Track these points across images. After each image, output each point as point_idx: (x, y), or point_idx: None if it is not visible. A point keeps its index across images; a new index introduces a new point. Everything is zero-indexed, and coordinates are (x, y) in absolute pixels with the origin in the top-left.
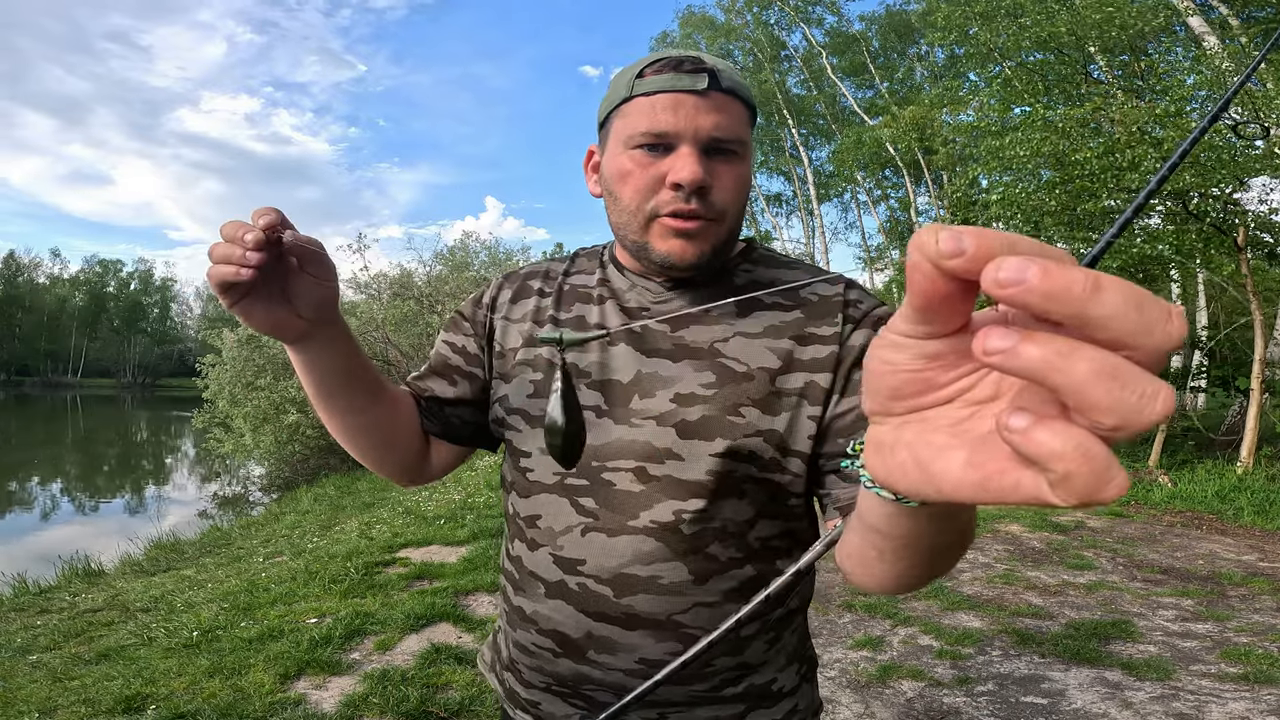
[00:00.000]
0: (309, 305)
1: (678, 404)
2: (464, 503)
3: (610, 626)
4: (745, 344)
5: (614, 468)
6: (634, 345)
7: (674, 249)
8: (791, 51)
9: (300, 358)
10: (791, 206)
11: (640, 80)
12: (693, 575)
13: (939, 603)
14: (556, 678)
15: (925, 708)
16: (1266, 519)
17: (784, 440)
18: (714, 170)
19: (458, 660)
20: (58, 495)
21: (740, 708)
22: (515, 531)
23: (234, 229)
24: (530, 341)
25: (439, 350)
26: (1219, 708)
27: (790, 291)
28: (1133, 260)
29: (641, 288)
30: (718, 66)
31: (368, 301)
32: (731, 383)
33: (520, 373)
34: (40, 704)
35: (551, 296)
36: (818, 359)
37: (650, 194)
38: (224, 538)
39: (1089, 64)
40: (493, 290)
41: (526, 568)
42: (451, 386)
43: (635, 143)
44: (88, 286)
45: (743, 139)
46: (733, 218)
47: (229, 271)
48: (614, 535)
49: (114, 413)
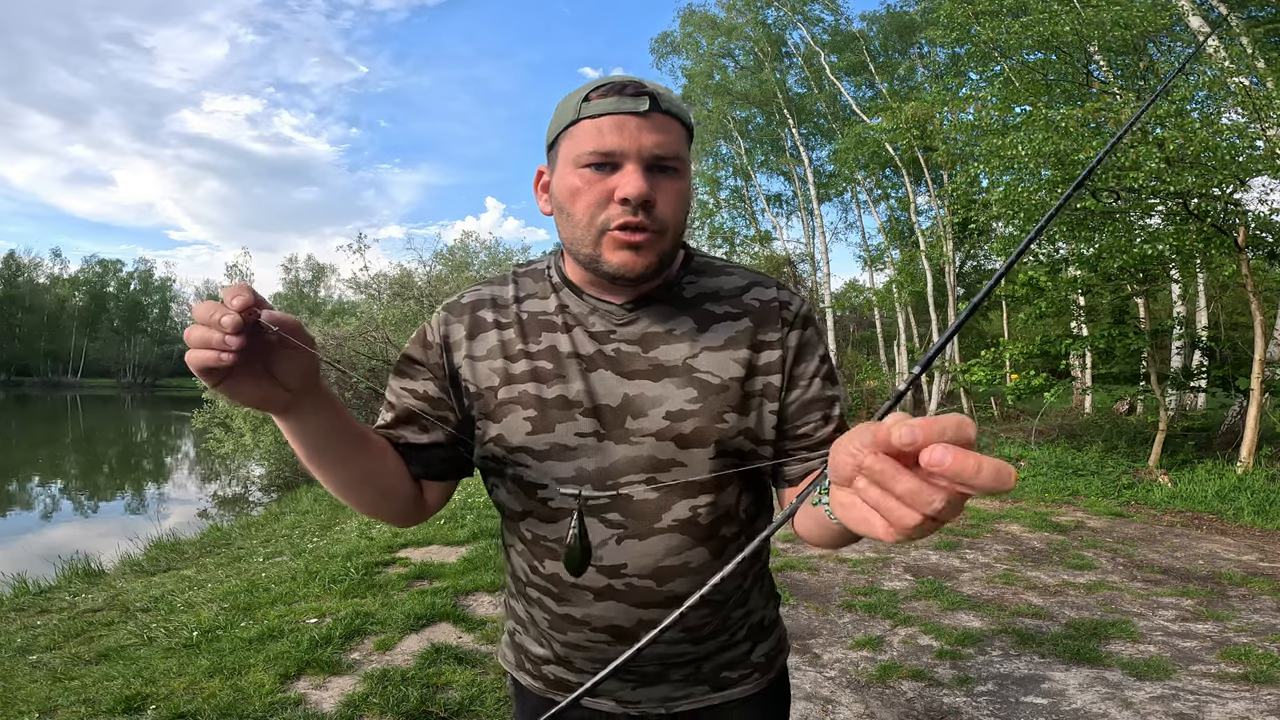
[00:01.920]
0: (293, 376)
1: (671, 420)
2: (464, 503)
3: (657, 610)
4: (713, 357)
5: (627, 482)
6: (612, 369)
7: (625, 260)
8: (791, 49)
9: (289, 425)
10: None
11: (586, 104)
12: (712, 555)
13: (939, 603)
14: (609, 661)
15: (925, 708)
16: (1266, 519)
17: (756, 434)
18: (657, 185)
19: (458, 660)
20: (58, 495)
21: (749, 645)
22: (544, 553)
23: (208, 312)
24: (507, 379)
25: (399, 398)
26: (1219, 708)
27: (735, 300)
28: (1133, 260)
29: (604, 311)
30: (658, 90)
31: (368, 301)
32: (712, 395)
33: (509, 412)
34: (40, 704)
35: (513, 328)
36: (770, 363)
37: (600, 209)
38: (224, 538)
39: (1090, 64)
40: (439, 328)
41: (568, 582)
42: (424, 433)
43: (584, 162)
44: (88, 286)
45: (682, 156)
46: (675, 230)
47: (210, 357)
48: (645, 538)
49: (114, 413)
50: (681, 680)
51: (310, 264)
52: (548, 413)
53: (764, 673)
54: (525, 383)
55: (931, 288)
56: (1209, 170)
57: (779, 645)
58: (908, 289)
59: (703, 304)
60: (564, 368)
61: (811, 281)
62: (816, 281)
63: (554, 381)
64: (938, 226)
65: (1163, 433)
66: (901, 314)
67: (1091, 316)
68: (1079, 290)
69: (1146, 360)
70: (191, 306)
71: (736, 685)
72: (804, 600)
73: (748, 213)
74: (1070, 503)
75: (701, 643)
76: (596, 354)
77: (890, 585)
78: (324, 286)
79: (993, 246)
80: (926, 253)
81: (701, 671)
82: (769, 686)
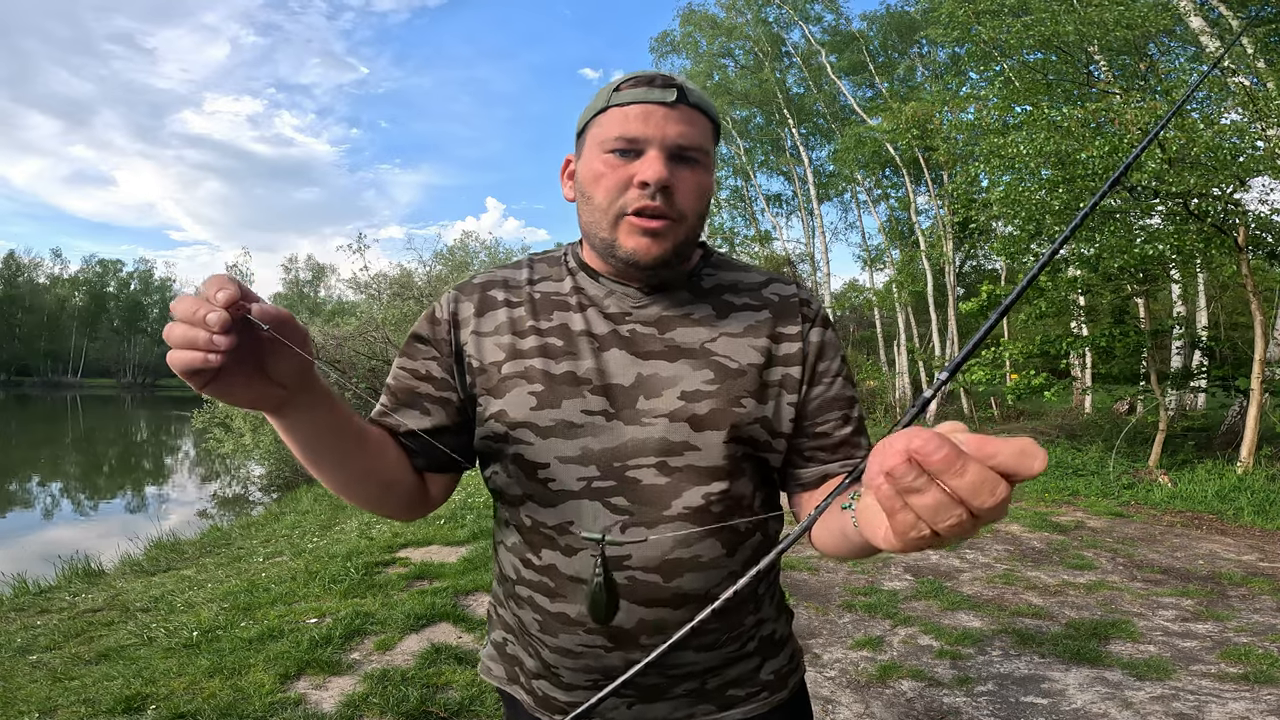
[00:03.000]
0: (287, 372)
1: (686, 400)
2: (464, 503)
3: (661, 609)
4: (731, 342)
5: (636, 465)
6: (626, 349)
7: (640, 246)
8: (791, 49)
9: (284, 423)
10: (791, 206)
11: (617, 93)
12: (725, 549)
13: (939, 603)
14: (605, 671)
15: (925, 708)
16: (1266, 519)
17: (773, 424)
18: (678, 174)
19: (458, 660)
20: (58, 495)
21: (758, 660)
22: (541, 541)
23: (190, 308)
24: (514, 354)
25: (400, 380)
26: (1219, 708)
27: (755, 293)
28: (1134, 260)
29: (620, 294)
30: (686, 85)
31: (368, 301)
32: (730, 378)
33: (514, 386)
34: (40, 704)
35: (524, 306)
36: (789, 355)
37: (619, 193)
38: (224, 538)
39: (1090, 64)
40: (449, 305)
41: (564, 574)
42: (425, 416)
43: (609, 147)
44: (88, 286)
45: (705, 149)
46: (693, 221)
47: (195, 359)
48: (653, 526)
49: (114, 413)
50: (685, 696)
51: (310, 264)
52: (555, 388)
53: (774, 691)
54: (533, 358)
55: (931, 288)
56: (1210, 171)
57: (792, 664)
58: (908, 289)
59: (721, 294)
60: (575, 345)
61: (811, 281)
62: (816, 281)
63: (563, 358)
64: (938, 226)
65: (1163, 433)
66: (901, 314)
67: (1091, 316)
68: (1079, 290)
69: (1146, 360)
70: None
71: (743, 704)
72: (804, 600)
73: (748, 213)
74: (1070, 503)
75: (709, 650)
76: (610, 334)
77: (890, 585)
78: (324, 286)
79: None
80: (926, 253)
81: (707, 687)
82: (780, 708)
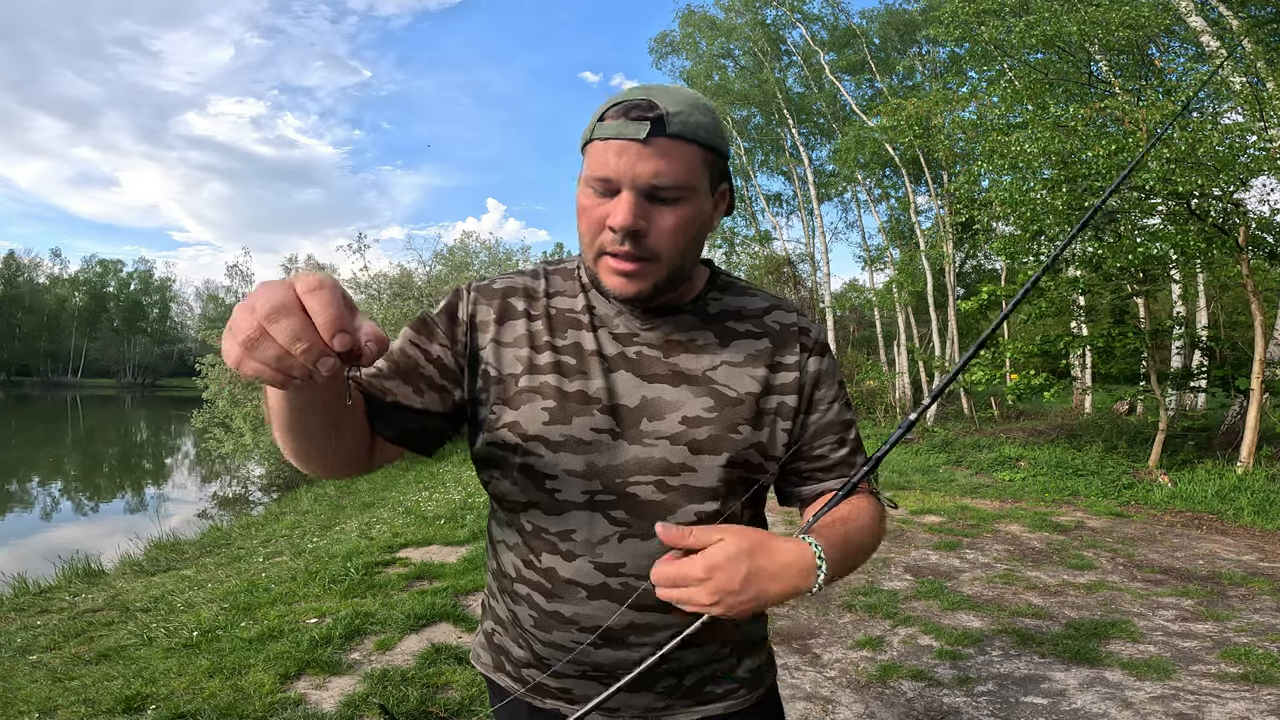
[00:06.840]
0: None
1: (686, 425)
2: (464, 503)
3: (651, 614)
4: (732, 372)
5: (636, 482)
6: (633, 371)
7: (616, 284)
8: (790, 48)
9: (283, 395)
10: (791, 206)
11: (600, 124)
12: None
13: (939, 603)
14: (594, 665)
15: (925, 708)
16: (1266, 519)
17: (767, 449)
18: (653, 214)
19: (458, 660)
20: (58, 495)
21: (734, 659)
22: (543, 546)
23: (293, 336)
24: (531, 368)
25: (407, 352)
26: (1219, 708)
27: (757, 320)
28: (1135, 260)
29: (629, 315)
30: (670, 110)
31: (367, 301)
32: (728, 406)
33: (529, 400)
34: (40, 704)
35: (542, 320)
36: (786, 383)
37: (597, 232)
38: (224, 538)
39: (1091, 63)
40: (468, 305)
41: (563, 577)
42: (418, 396)
43: (589, 183)
44: (88, 286)
45: (686, 184)
46: (672, 257)
47: (279, 380)
48: (647, 539)
49: (114, 413)
50: (664, 692)
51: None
52: (567, 405)
53: (750, 689)
54: (548, 374)
55: (931, 287)
56: (1212, 171)
57: (768, 662)
58: (908, 289)
59: (725, 321)
60: (587, 365)
61: (811, 281)
62: (816, 281)
63: (576, 377)
64: (938, 226)
65: (1163, 433)
66: (901, 314)
67: (1091, 316)
68: (1079, 290)
69: (1146, 360)
70: (256, 303)
71: (721, 700)
72: (804, 600)
73: (748, 213)
74: (1070, 503)
75: (689, 648)
76: (619, 355)
77: (890, 585)
78: None
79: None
80: (926, 252)
81: (685, 683)
82: (756, 704)
